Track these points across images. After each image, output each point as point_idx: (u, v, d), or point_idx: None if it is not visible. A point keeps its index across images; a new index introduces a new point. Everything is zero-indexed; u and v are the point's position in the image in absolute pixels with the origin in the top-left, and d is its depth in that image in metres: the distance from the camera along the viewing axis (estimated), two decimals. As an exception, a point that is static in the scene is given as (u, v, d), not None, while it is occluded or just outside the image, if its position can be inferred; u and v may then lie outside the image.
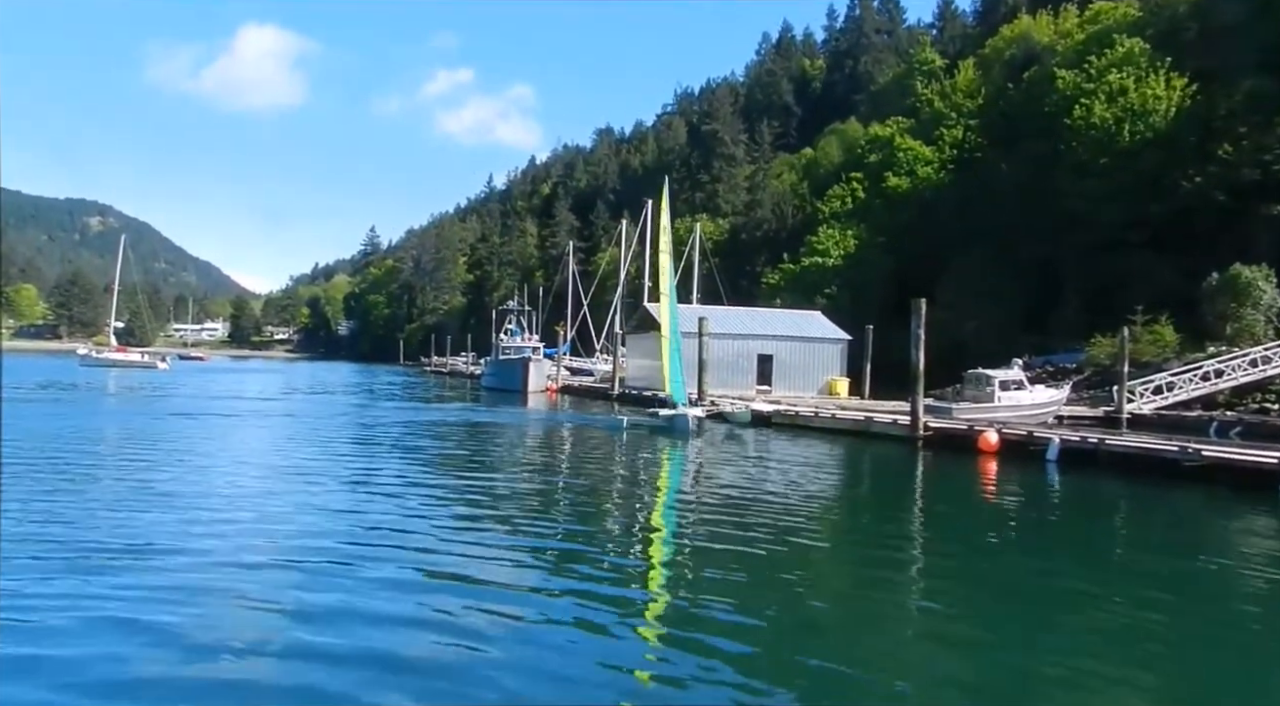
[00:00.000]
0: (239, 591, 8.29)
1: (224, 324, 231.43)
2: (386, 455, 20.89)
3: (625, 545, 11.81)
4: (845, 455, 24.18)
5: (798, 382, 44.32)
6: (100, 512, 11.94)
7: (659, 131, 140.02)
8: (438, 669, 6.47)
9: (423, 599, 8.27)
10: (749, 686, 6.30)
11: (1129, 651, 7.65)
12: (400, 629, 7.38)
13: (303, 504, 13.26)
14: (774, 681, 6.46)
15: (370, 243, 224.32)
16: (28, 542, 9.82)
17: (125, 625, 7.15)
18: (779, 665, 6.86)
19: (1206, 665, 7.58)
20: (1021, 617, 8.77)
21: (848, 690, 6.51)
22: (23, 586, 8.09)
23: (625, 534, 12.62)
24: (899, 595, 9.65)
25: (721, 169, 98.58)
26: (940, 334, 31.07)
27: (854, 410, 32.01)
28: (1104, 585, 10.27)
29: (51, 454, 18.21)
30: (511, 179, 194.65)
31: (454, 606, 8.01)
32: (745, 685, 6.31)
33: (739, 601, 8.57)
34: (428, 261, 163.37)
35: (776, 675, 6.59)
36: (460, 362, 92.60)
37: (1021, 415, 28.04)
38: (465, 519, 12.73)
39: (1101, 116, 44.99)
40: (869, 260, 58.99)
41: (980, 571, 10.98)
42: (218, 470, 16.99)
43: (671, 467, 20.67)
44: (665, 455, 22.45)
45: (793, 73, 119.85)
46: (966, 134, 59.22)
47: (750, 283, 69.75)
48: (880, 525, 14.56)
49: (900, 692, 6.44)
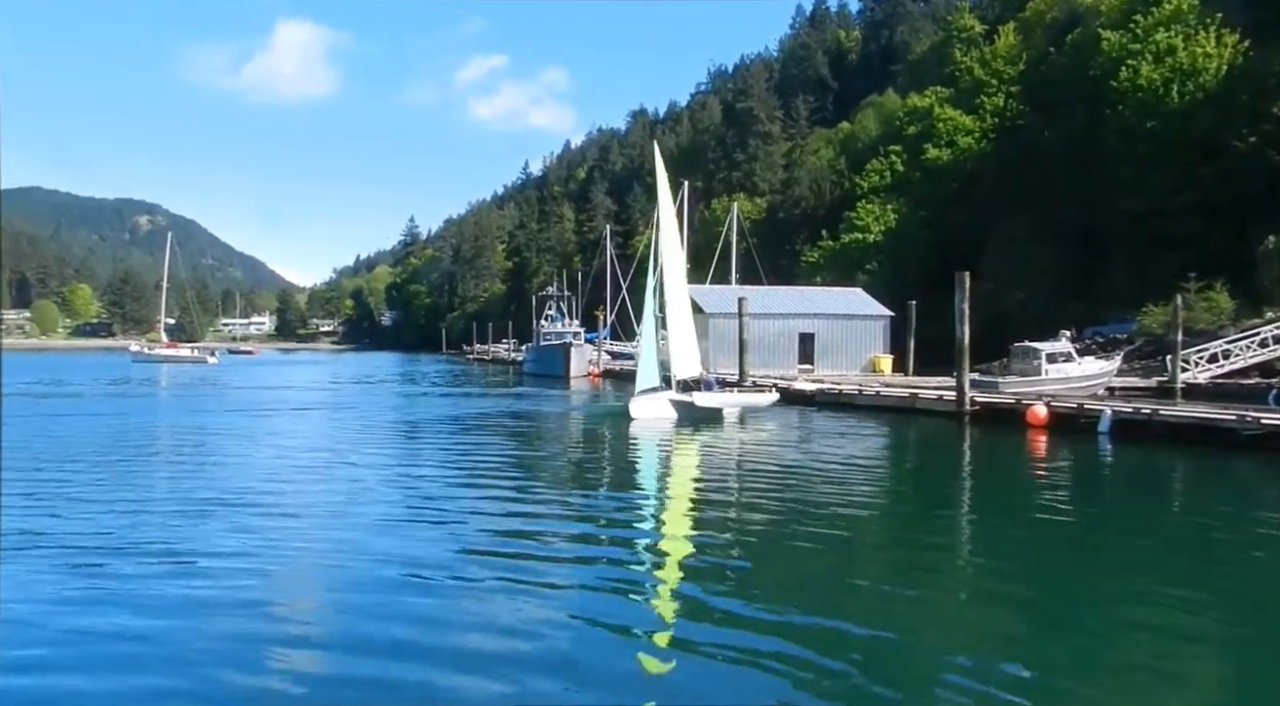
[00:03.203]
0: (293, 580, 8.50)
1: (271, 317, 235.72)
2: (438, 443, 21.14)
3: (682, 525, 11.82)
4: (891, 432, 23.98)
5: (840, 361, 43.97)
6: (161, 509, 12.30)
7: (693, 111, 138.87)
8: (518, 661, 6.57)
9: (493, 583, 8.41)
10: (800, 657, 6.31)
11: (1186, 625, 7.52)
12: (466, 620, 7.50)
13: (370, 502, 13.50)
14: (825, 651, 6.46)
15: (410, 233, 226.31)
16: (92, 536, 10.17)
17: (188, 615, 7.39)
18: (829, 638, 6.84)
19: (1267, 640, 7.41)
20: (1076, 593, 8.66)
21: (898, 662, 6.50)
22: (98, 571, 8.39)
23: (683, 514, 12.65)
24: (949, 570, 9.59)
25: (757, 147, 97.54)
26: (985, 307, 30.55)
27: (898, 387, 31.68)
28: (1161, 558, 10.10)
29: (118, 449, 18.79)
30: (547, 164, 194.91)
31: (524, 591, 8.16)
32: (797, 656, 6.33)
33: (789, 577, 8.58)
34: (467, 250, 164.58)
35: (827, 646, 6.58)
36: (502, 350, 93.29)
37: (1071, 387, 27.52)
38: (517, 502, 12.89)
39: (1149, 77, 43.68)
40: (910, 235, 58.11)
41: (1032, 546, 10.83)
42: (274, 466, 17.38)
43: (717, 448, 20.65)
44: (707, 437, 22.44)
45: (827, 45, 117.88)
46: (1008, 102, 57.83)
47: (789, 261, 69.13)
48: (928, 501, 14.45)
49: (951, 665, 6.39)
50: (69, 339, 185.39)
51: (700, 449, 20.26)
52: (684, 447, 20.40)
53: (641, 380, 26.35)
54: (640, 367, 26.84)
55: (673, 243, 28.08)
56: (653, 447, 20.63)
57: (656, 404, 25.49)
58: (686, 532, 11.18)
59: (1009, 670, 6.30)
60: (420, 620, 7.19)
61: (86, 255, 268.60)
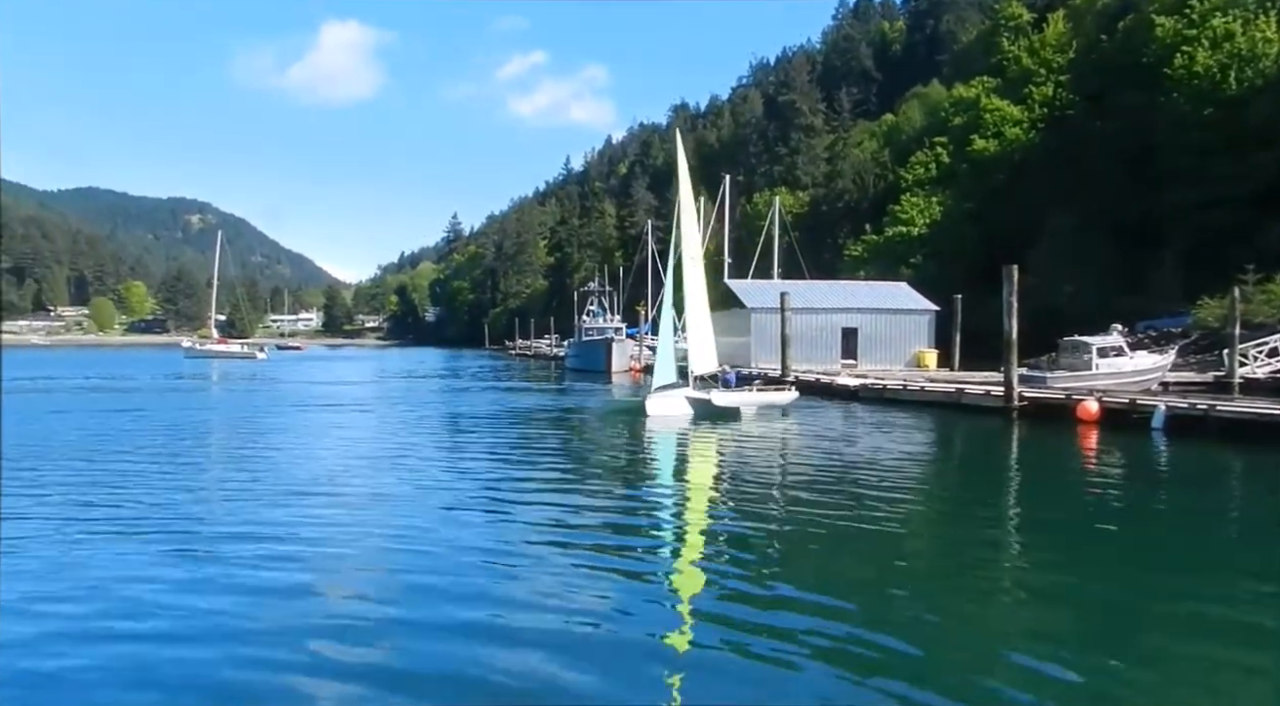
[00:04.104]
0: (340, 574, 8.71)
1: (318, 314, 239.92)
2: (486, 436, 21.37)
3: (725, 519, 11.83)
4: (936, 428, 23.70)
5: (884, 355, 43.58)
6: (241, 497, 12.66)
7: (734, 105, 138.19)
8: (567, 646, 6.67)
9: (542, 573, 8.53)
10: (844, 657, 6.32)
11: (1246, 625, 7.35)
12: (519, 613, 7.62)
13: (434, 490, 13.75)
14: (869, 652, 6.46)
15: (453, 230, 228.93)
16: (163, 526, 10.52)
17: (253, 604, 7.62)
18: (873, 639, 6.82)
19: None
20: (1131, 592, 8.49)
21: (944, 663, 6.45)
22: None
23: (727, 509, 12.65)
24: (997, 569, 9.47)
25: (800, 140, 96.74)
26: (1033, 301, 30.01)
27: (944, 382, 31.28)
28: (1218, 557, 9.88)
29: (189, 442, 19.34)
30: (588, 160, 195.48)
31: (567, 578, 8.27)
32: (840, 655, 6.34)
33: (833, 574, 8.56)
34: (509, 246, 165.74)
35: (872, 647, 6.58)
36: (544, 345, 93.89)
37: (1122, 382, 26.94)
38: (561, 493, 13.03)
39: (1205, 64, 42.48)
40: (955, 228, 57.24)
41: (1084, 544, 10.63)
42: (335, 458, 17.74)
43: (762, 443, 20.61)
44: (755, 430, 22.38)
45: (871, 36, 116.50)
46: (1057, 91, 56.61)
47: (832, 256, 68.55)
48: (976, 497, 14.27)
49: (1000, 667, 6.34)
50: (125, 335, 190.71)
51: (743, 444, 20.20)
52: (726, 442, 20.35)
53: (658, 376, 25.82)
54: (656, 363, 26.26)
55: (692, 235, 27.27)
56: (695, 442, 20.62)
57: (673, 401, 24.99)
58: (729, 527, 11.19)
59: (1061, 674, 6.21)
60: (484, 598, 7.51)
61: (141, 254, 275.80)
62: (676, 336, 27.12)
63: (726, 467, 16.93)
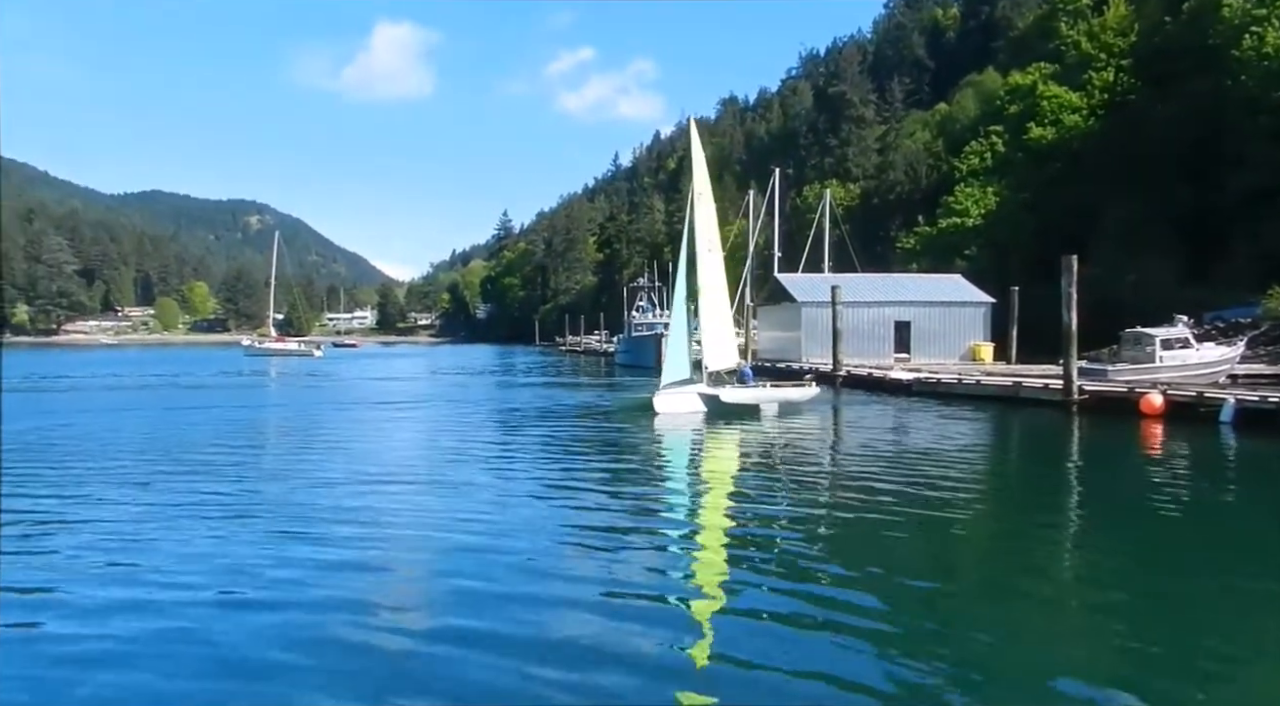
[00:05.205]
0: (393, 570, 8.88)
1: (372, 311, 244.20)
2: (541, 431, 21.51)
3: (776, 513, 11.74)
4: (993, 422, 23.25)
5: (938, 349, 42.90)
6: (322, 486, 13.00)
7: (784, 97, 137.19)
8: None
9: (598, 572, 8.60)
10: (893, 657, 6.24)
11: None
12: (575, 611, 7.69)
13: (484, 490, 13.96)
14: (917, 655, 6.35)
15: (503, 227, 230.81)
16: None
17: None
18: (922, 640, 6.72)
19: None
20: (1198, 594, 8.19)
21: (997, 668, 6.33)
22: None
23: (778, 503, 12.56)
24: (1056, 569, 9.25)
25: (850, 132, 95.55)
26: (1092, 292, 29.17)
27: (1000, 375, 30.66)
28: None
29: (260, 436, 19.90)
30: (637, 155, 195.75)
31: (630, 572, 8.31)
32: (888, 656, 6.26)
33: (882, 571, 8.45)
34: (558, 242, 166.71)
35: (920, 648, 6.48)
36: (593, 341, 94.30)
37: (1188, 375, 26.09)
38: (608, 486, 13.11)
39: (1275, 45, 40.87)
40: (1011, 218, 55.96)
41: (1148, 543, 10.34)
42: (398, 452, 18.07)
43: (818, 436, 20.43)
44: (809, 424, 22.20)
45: (924, 24, 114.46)
46: (1118, 76, 54.98)
47: (884, 248, 67.62)
48: (1034, 493, 13.98)
49: (1056, 672, 6.20)
50: (188, 334, 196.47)
51: (792, 437, 20.05)
52: (776, 436, 20.21)
53: (668, 373, 24.55)
54: (666, 360, 24.92)
55: (708, 225, 25.80)
56: (743, 435, 20.49)
57: (684, 398, 23.94)
58: (779, 522, 11.10)
59: (1124, 683, 6.06)
60: (535, 573, 7.72)
61: (203, 254, 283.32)
62: (693, 331, 25.51)
63: (778, 460, 16.76)
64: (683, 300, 25.25)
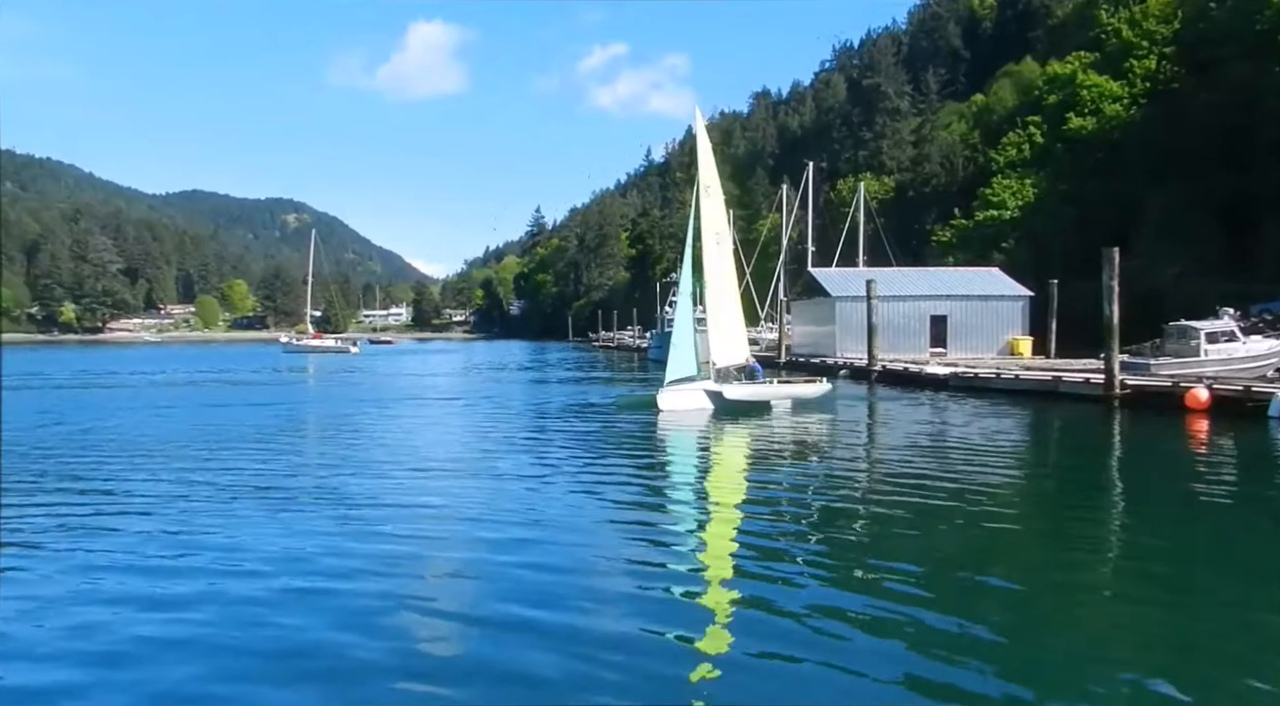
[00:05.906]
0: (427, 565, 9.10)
1: (407, 308, 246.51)
2: (576, 426, 21.70)
3: (809, 507, 11.77)
4: (1032, 417, 23.01)
5: (975, 343, 42.44)
6: (378, 475, 13.30)
7: (817, 90, 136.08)
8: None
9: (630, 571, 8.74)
10: (925, 656, 6.27)
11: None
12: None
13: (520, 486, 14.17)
14: (951, 652, 6.35)
15: (536, 223, 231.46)
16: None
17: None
18: (955, 639, 6.73)
19: None
20: (1247, 597, 8.03)
21: (1032, 670, 6.33)
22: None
23: (811, 497, 12.60)
24: (1097, 568, 9.13)
25: (885, 124, 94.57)
26: (1134, 285, 28.69)
27: (1039, 370, 30.32)
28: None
29: (305, 431, 20.35)
30: (669, 150, 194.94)
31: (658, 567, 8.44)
32: (921, 654, 6.29)
33: (916, 567, 8.46)
34: (591, 238, 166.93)
35: (954, 647, 6.47)
36: (626, 337, 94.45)
37: (1234, 369, 25.61)
38: (641, 479, 13.19)
39: (1325, 30, 39.85)
40: (1050, 210, 55.08)
41: (1195, 542, 10.18)
42: (442, 445, 18.36)
43: (852, 432, 20.39)
44: (843, 420, 22.15)
45: (960, 14, 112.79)
46: (1161, 64, 53.88)
47: (920, 242, 66.92)
48: (1075, 488, 13.83)
49: (1095, 676, 6.20)
50: (228, 331, 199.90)
51: (825, 433, 20.03)
52: (811, 430, 20.19)
53: (672, 369, 23.67)
54: (670, 356, 24.05)
55: (715, 216, 25.03)
56: (778, 429, 20.49)
57: (688, 395, 23.32)
58: (813, 516, 11.14)
59: (1163, 670, 6.05)
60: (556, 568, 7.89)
61: (242, 252, 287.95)
62: (698, 326, 24.87)
63: (812, 454, 16.76)
64: (688, 295, 24.77)
